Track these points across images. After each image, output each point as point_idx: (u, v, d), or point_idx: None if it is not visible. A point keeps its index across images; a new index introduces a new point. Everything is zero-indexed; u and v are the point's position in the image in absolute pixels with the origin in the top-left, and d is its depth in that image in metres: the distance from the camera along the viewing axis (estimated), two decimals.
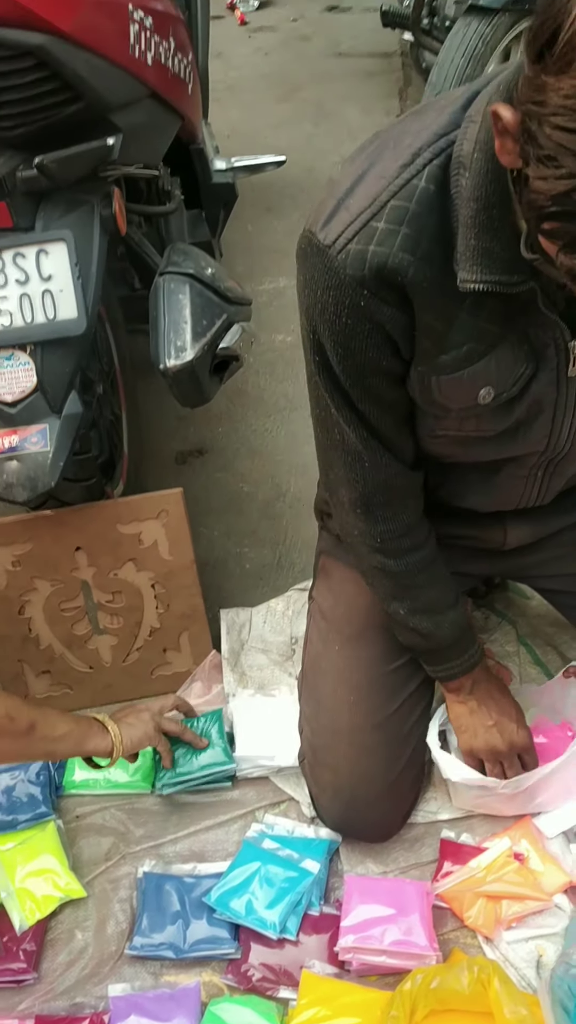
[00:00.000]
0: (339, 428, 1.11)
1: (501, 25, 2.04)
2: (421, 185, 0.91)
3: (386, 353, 1.03)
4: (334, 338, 1.01)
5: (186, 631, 1.67)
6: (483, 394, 1.05)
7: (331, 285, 0.96)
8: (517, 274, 0.93)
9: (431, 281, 0.95)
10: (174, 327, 1.46)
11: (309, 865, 1.38)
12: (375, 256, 0.93)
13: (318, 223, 0.96)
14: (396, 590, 1.27)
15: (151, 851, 1.46)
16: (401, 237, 0.93)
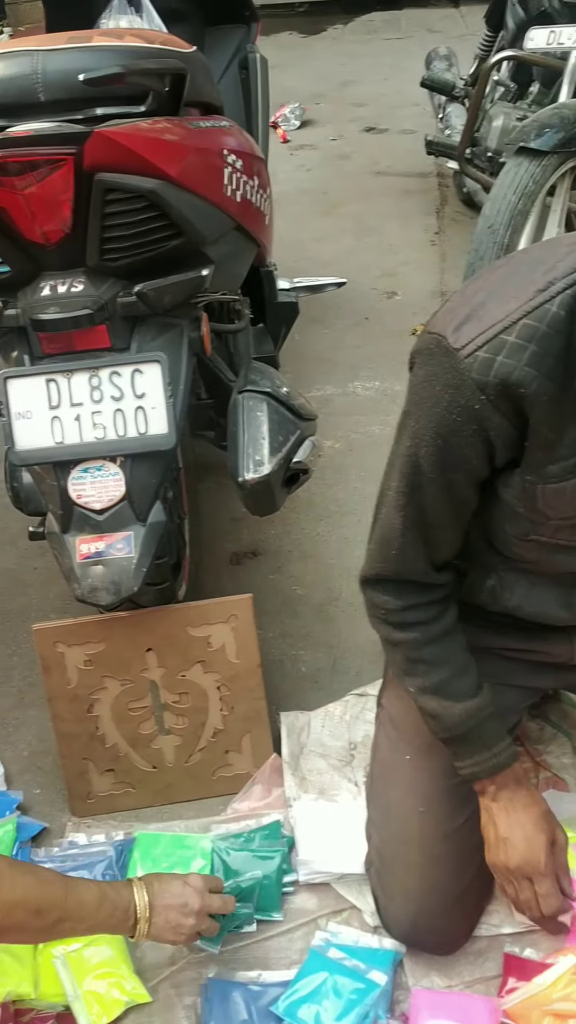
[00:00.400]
0: (388, 511, 1.19)
1: (550, 166, 2.19)
2: (553, 310, 1.01)
3: (480, 455, 1.11)
4: (437, 430, 1.09)
5: (248, 733, 1.71)
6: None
7: (452, 384, 1.05)
8: None
9: (551, 396, 1.04)
10: (253, 443, 1.55)
11: (376, 976, 1.39)
12: (502, 367, 1.02)
13: (449, 327, 1.05)
14: (405, 664, 1.30)
15: (215, 958, 1.47)
16: (529, 353, 1.01)
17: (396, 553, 1.21)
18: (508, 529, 1.22)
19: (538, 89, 2.93)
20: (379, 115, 4.96)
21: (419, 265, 3.48)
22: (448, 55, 3.84)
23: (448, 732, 1.30)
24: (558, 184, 2.35)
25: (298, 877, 1.55)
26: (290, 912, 1.53)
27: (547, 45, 2.44)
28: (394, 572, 1.24)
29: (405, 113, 4.87)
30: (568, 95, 2.43)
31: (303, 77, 5.60)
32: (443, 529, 1.20)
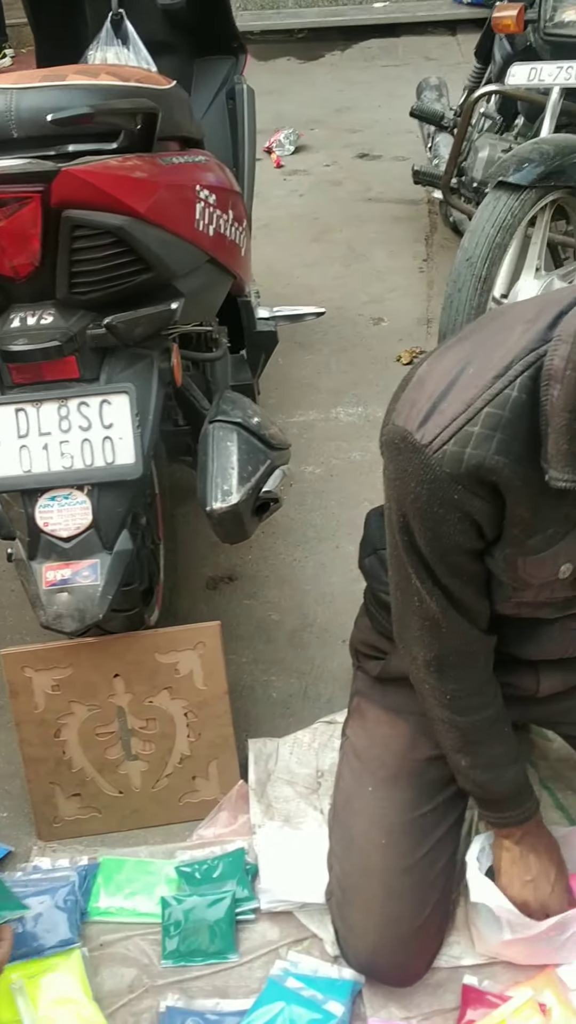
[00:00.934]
0: (419, 596, 1.20)
1: (528, 200, 2.22)
2: (513, 395, 1.03)
3: (472, 536, 1.13)
4: (424, 523, 1.11)
5: (215, 760, 1.71)
6: (564, 569, 1.17)
7: (426, 479, 1.07)
8: None
9: (522, 478, 1.06)
10: (221, 472, 1.56)
11: (333, 1007, 1.39)
12: (472, 458, 1.04)
13: (414, 423, 1.06)
14: (461, 744, 1.33)
15: (174, 985, 1.47)
16: (496, 441, 1.03)
17: (446, 630, 1.23)
18: (493, 595, 1.25)
19: (523, 123, 2.97)
20: (373, 142, 5.01)
21: (406, 292, 3.51)
22: (439, 85, 3.88)
23: (491, 796, 1.36)
24: (538, 217, 2.38)
25: (260, 905, 1.55)
26: (251, 940, 1.53)
27: (528, 81, 2.48)
28: (449, 648, 1.26)
29: (399, 140, 4.91)
30: (549, 130, 2.46)
31: (299, 103, 5.66)
32: (474, 602, 1.23)
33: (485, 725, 1.32)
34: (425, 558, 1.15)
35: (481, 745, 1.33)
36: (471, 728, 1.31)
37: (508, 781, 1.35)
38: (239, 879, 1.57)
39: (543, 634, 1.32)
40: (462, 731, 1.32)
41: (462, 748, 1.34)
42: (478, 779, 1.35)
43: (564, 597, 1.21)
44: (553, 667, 1.40)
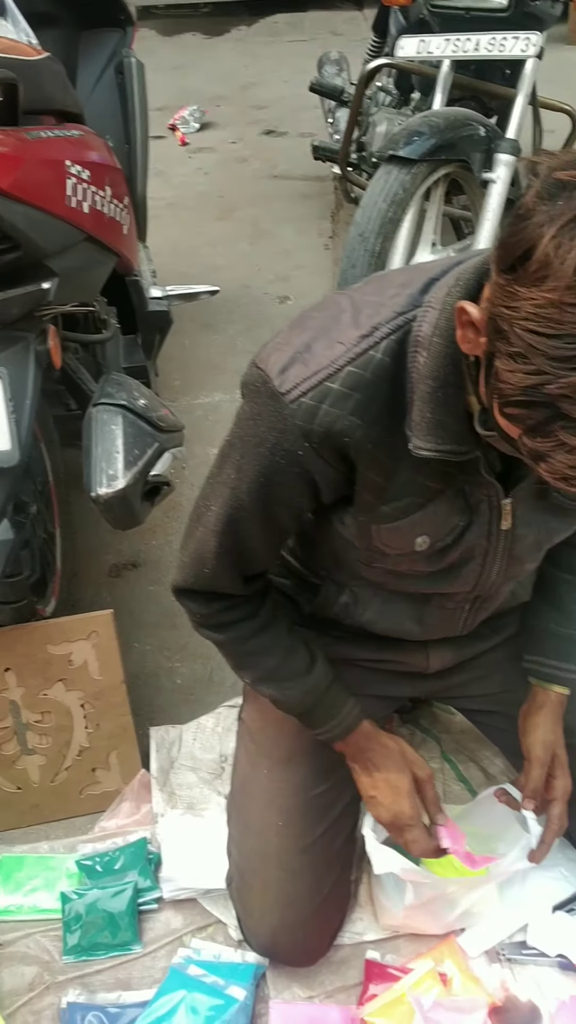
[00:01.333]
0: (206, 529, 1.17)
1: (419, 173, 2.21)
2: (378, 357, 1.01)
3: (304, 493, 1.10)
4: (260, 468, 1.08)
5: (115, 750, 1.68)
6: (419, 542, 1.14)
7: (276, 427, 1.04)
8: (465, 444, 1.03)
9: (376, 443, 1.04)
10: (106, 456, 1.52)
11: (235, 992, 1.38)
12: (326, 415, 1.01)
13: (274, 369, 1.03)
14: (235, 660, 1.31)
15: (76, 980, 1.45)
16: (353, 401, 1.01)
17: (209, 572, 1.20)
18: (352, 555, 1.23)
19: (419, 97, 2.96)
20: (279, 118, 4.96)
21: (312, 269, 3.49)
22: (339, 60, 3.85)
23: (293, 711, 1.31)
24: (432, 190, 2.38)
25: (163, 894, 1.53)
26: (154, 930, 1.51)
27: (417, 53, 2.46)
28: (204, 587, 1.23)
29: (305, 116, 4.87)
30: (441, 103, 2.46)
31: (204, 79, 5.58)
32: (258, 554, 1.20)
33: (245, 637, 1.26)
34: (242, 501, 1.11)
35: (250, 656, 1.28)
36: (230, 640, 1.27)
37: (299, 692, 1.28)
38: (141, 869, 1.55)
39: (422, 615, 1.31)
40: (223, 645, 1.29)
41: (237, 664, 1.31)
42: (269, 695, 1.30)
43: (428, 572, 1.20)
44: (442, 644, 1.40)
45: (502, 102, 2.58)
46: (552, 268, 0.77)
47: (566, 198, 0.78)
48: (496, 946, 1.45)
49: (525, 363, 0.80)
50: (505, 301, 0.81)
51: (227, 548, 1.17)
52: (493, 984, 1.40)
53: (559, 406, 0.80)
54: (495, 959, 1.44)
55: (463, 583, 1.22)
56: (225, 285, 3.00)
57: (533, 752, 1.37)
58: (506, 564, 1.21)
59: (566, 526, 1.21)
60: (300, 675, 1.28)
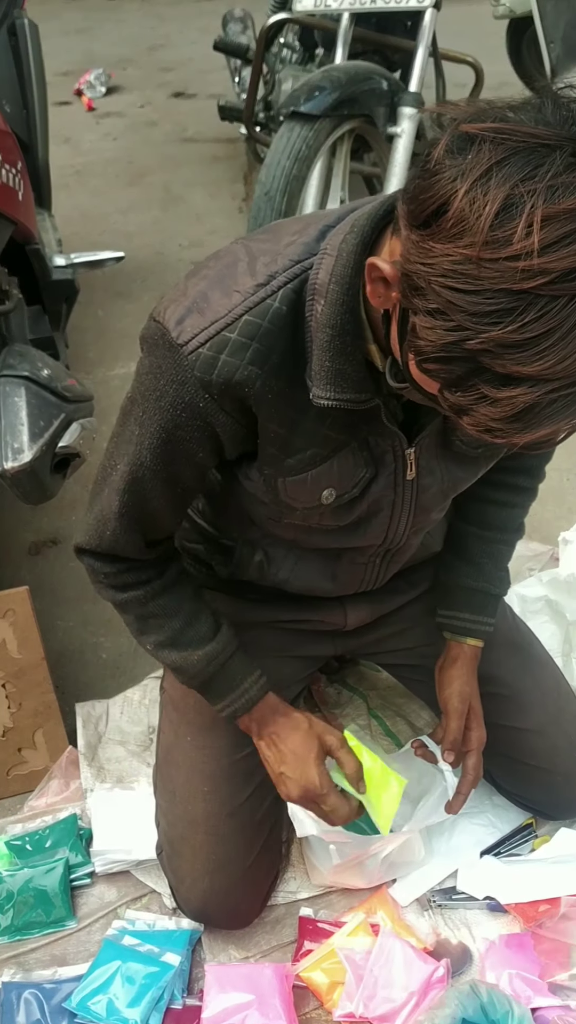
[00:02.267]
0: (109, 492, 1.15)
1: (323, 129, 2.18)
2: (275, 306, 0.99)
3: (206, 449, 1.09)
4: (161, 423, 1.05)
5: (40, 728, 1.66)
6: (326, 495, 1.13)
7: (175, 380, 1.01)
8: (365, 392, 1.02)
9: (277, 393, 1.02)
10: (10, 429, 1.48)
11: (170, 958, 1.38)
12: (225, 365, 0.99)
13: (171, 320, 1.01)
14: (137, 623, 1.26)
15: (11, 960, 1.43)
16: (252, 351, 0.99)
17: (110, 534, 1.18)
18: (260, 511, 1.21)
19: (322, 52, 2.93)
20: (188, 80, 4.88)
21: (227, 233, 3.44)
22: (244, 17, 3.78)
23: (194, 680, 1.27)
24: (338, 146, 2.35)
25: (95, 868, 1.52)
26: (88, 905, 1.50)
27: (315, 7, 2.42)
28: (108, 549, 1.21)
29: (215, 78, 4.80)
30: (342, 58, 2.43)
31: (110, 41, 5.46)
32: (161, 516, 1.18)
33: (151, 596, 1.23)
34: (144, 458, 1.09)
35: (153, 619, 1.25)
36: (136, 601, 1.23)
37: (201, 659, 1.24)
38: (72, 845, 1.54)
39: (335, 571, 1.31)
40: (127, 607, 1.25)
41: (140, 628, 1.26)
42: (171, 662, 1.26)
43: (337, 526, 1.20)
44: (358, 600, 1.40)
45: (405, 55, 2.56)
46: (468, 224, 0.76)
47: (475, 151, 0.77)
48: (426, 893, 1.48)
49: (444, 319, 0.80)
50: (420, 258, 0.80)
51: (129, 508, 1.14)
52: (424, 930, 1.43)
53: (480, 360, 0.79)
54: (426, 906, 1.47)
55: (373, 536, 1.22)
56: (138, 252, 2.96)
57: (450, 704, 1.39)
58: (413, 515, 1.21)
59: (470, 474, 1.22)
60: (203, 641, 1.25)
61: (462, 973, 1.39)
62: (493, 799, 1.58)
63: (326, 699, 1.77)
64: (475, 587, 1.41)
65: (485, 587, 1.41)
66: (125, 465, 1.11)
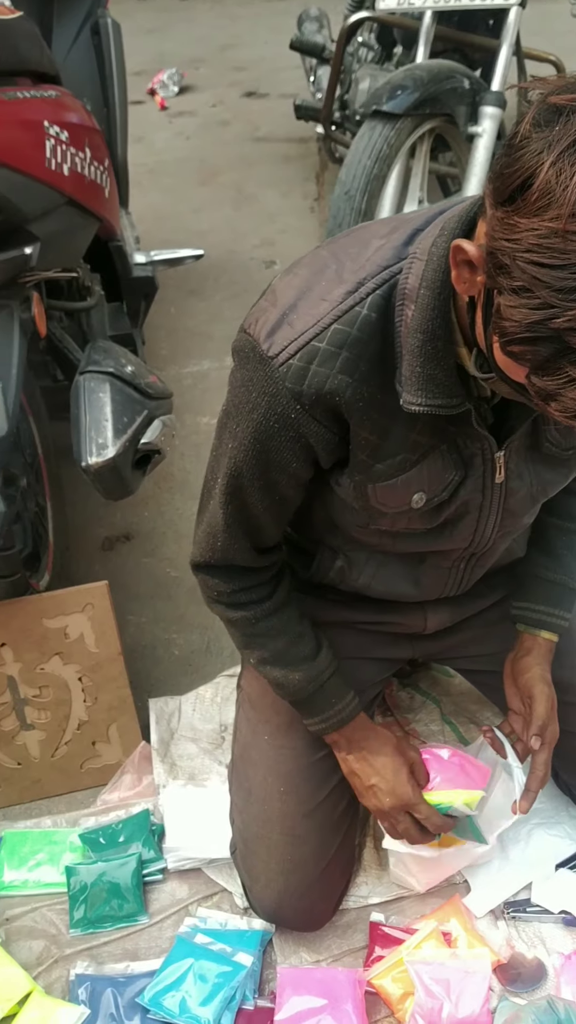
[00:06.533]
0: (214, 505, 1.17)
1: (404, 128, 2.16)
2: (364, 313, 0.98)
3: (300, 459, 1.09)
4: (255, 434, 1.06)
5: (115, 723, 1.67)
6: (416, 499, 1.13)
7: (267, 392, 1.02)
8: (456, 397, 1.01)
9: (367, 400, 1.02)
10: (95, 425, 1.50)
11: (242, 958, 1.38)
12: (315, 375, 0.99)
13: (262, 333, 1.02)
14: (243, 639, 1.29)
15: (84, 953, 1.44)
16: (341, 360, 0.99)
17: (221, 544, 1.20)
18: (349, 519, 1.21)
19: (401, 51, 2.90)
20: (259, 79, 4.88)
21: (298, 232, 3.44)
22: (319, 16, 3.77)
23: (293, 696, 1.30)
24: (417, 146, 2.33)
25: (167, 865, 1.53)
26: (160, 901, 1.51)
27: (398, 5, 2.40)
28: (221, 560, 1.23)
29: (286, 77, 4.80)
30: (423, 56, 2.40)
31: (182, 41, 5.48)
32: (266, 525, 1.19)
33: (258, 618, 1.25)
34: (241, 468, 1.11)
35: (261, 638, 1.27)
36: (244, 620, 1.26)
37: (302, 678, 1.26)
38: (145, 840, 1.55)
39: (418, 576, 1.30)
40: (236, 624, 1.27)
41: (246, 643, 1.29)
42: (270, 676, 1.28)
43: (424, 529, 1.18)
44: (439, 604, 1.39)
45: (486, 54, 2.53)
46: (554, 196, 0.75)
47: (563, 123, 0.76)
48: (500, 905, 1.45)
49: (529, 297, 0.78)
50: (505, 234, 0.79)
51: (234, 519, 1.16)
52: (498, 942, 1.41)
53: (567, 340, 0.77)
54: (500, 917, 1.44)
55: (459, 540, 1.21)
56: (210, 251, 2.96)
57: (536, 689, 1.34)
58: (501, 518, 1.20)
59: (560, 478, 1.20)
60: (305, 660, 1.27)
61: (536, 988, 1.36)
62: (570, 810, 1.55)
63: (398, 703, 1.76)
64: (553, 579, 1.38)
65: (564, 580, 1.38)
66: (223, 477, 1.13)
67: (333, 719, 1.30)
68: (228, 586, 1.24)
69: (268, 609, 1.26)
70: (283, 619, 1.28)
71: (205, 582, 1.26)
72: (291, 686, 1.28)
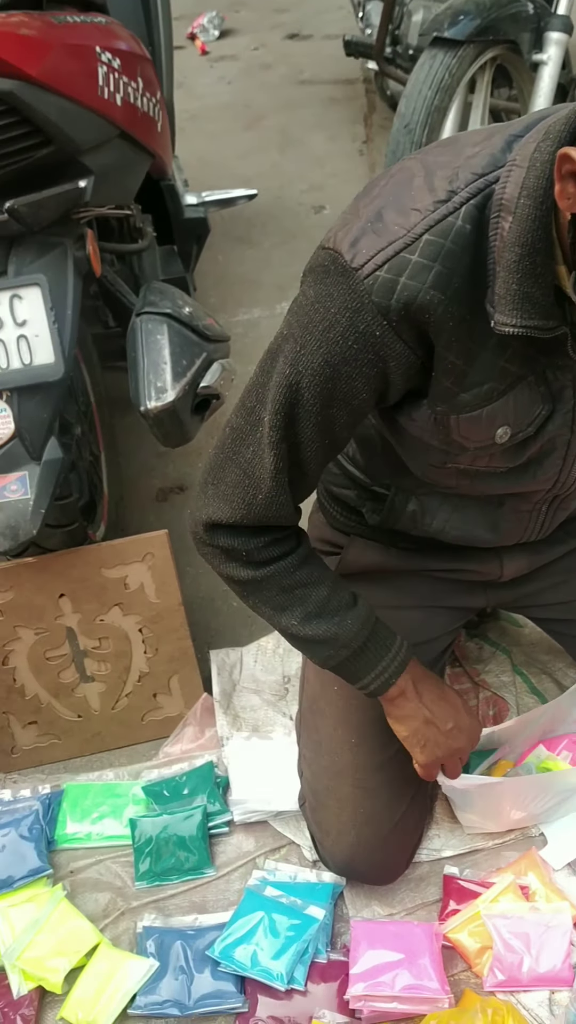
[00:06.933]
0: (257, 447, 1.04)
1: (466, 57, 2.05)
2: (458, 224, 0.91)
3: (370, 388, 1.00)
4: (327, 357, 0.97)
5: (176, 674, 1.64)
6: (500, 432, 1.05)
7: (350, 307, 0.94)
8: (553, 319, 0.93)
9: (458, 320, 0.94)
10: (154, 368, 1.44)
11: (314, 911, 1.35)
12: (405, 289, 0.92)
13: (344, 243, 0.94)
14: (280, 598, 1.14)
15: (151, 905, 1.43)
16: (434, 274, 0.91)
17: (263, 498, 1.07)
18: (423, 459, 1.14)
19: None
20: (302, 21, 4.72)
21: (347, 176, 3.33)
22: None
23: (347, 649, 1.16)
24: (478, 78, 2.22)
25: (233, 817, 1.50)
26: (226, 853, 1.48)
27: None
28: (257, 519, 1.09)
29: (329, 18, 4.63)
30: None
31: None
32: (310, 473, 1.08)
33: (292, 568, 1.13)
34: (298, 398, 0.98)
35: (299, 588, 1.13)
36: (280, 571, 1.12)
37: (353, 620, 1.14)
38: (209, 793, 1.52)
39: (496, 520, 1.23)
40: (271, 579, 1.12)
41: (283, 603, 1.14)
42: (319, 634, 1.13)
43: (506, 468, 1.11)
44: (516, 550, 1.32)
45: None
46: None
47: None
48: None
49: None
50: None
51: (285, 462, 1.04)
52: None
53: None
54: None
55: (543, 480, 1.14)
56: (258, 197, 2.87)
57: None
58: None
59: None
60: (349, 607, 1.16)
61: None
62: None
63: (467, 654, 1.70)
64: None
65: None
66: (274, 413, 1.01)
67: (395, 662, 1.18)
68: (256, 541, 1.11)
69: (302, 555, 1.15)
70: (318, 565, 1.17)
71: (228, 545, 1.11)
72: (344, 636, 1.15)
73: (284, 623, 1.16)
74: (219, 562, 1.15)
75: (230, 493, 1.09)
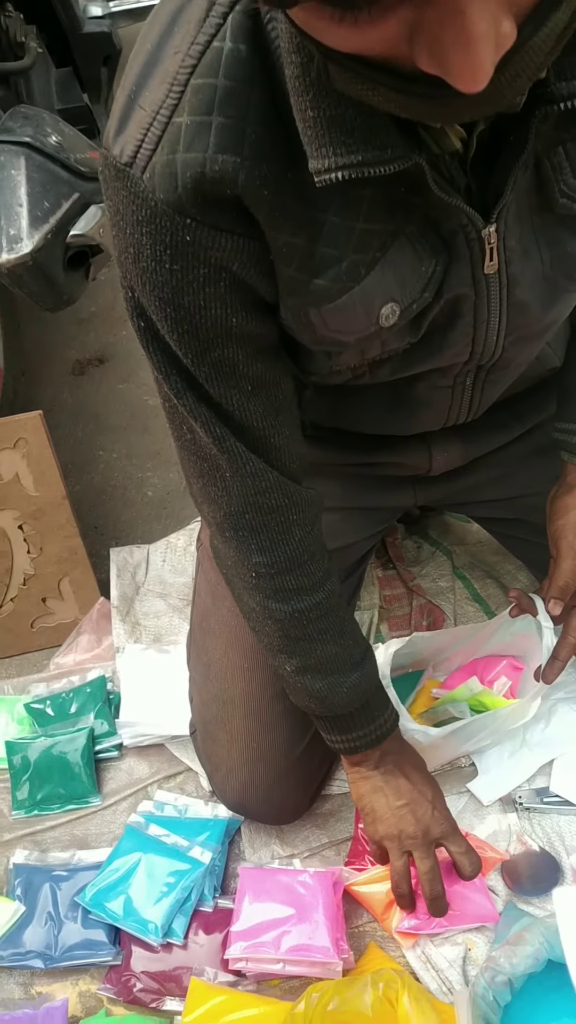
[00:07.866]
0: (187, 424, 0.83)
1: None
2: (228, 46, 0.62)
3: (235, 306, 0.74)
4: (158, 294, 0.72)
5: (66, 576, 1.43)
6: (386, 314, 0.77)
7: (142, 219, 0.67)
8: (389, 147, 0.64)
9: (273, 185, 0.66)
10: (6, 212, 1.17)
11: (199, 853, 1.18)
12: (187, 166, 0.64)
13: (110, 134, 0.67)
14: (283, 642, 0.97)
15: (27, 838, 1.26)
16: (216, 129, 0.64)
17: (230, 475, 0.85)
18: (308, 367, 0.87)
19: None
20: None
21: None
22: None
23: (331, 712, 1.00)
24: None
25: (123, 740, 1.32)
26: (116, 780, 1.31)
27: None
28: (247, 504, 0.87)
29: None
30: None
31: None
32: (266, 420, 0.83)
33: (312, 617, 0.94)
34: (178, 358, 0.77)
35: (308, 642, 0.96)
36: (291, 618, 0.94)
37: (349, 689, 0.98)
38: (99, 712, 1.34)
39: (411, 403, 0.97)
40: (281, 622, 0.95)
41: (285, 647, 0.96)
42: (309, 687, 0.98)
43: (403, 347, 0.84)
44: (447, 438, 1.08)
45: None
46: None
47: None
48: (512, 792, 1.22)
49: None
50: None
51: (218, 427, 0.81)
52: (507, 836, 1.18)
53: None
54: (510, 808, 1.21)
55: (454, 353, 0.87)
56: None
57: (563, 541, 1.05)
58: (507, 317, 0.84)
59: None
60: (356, 667, 0.98)
61: (549, 892, 1.14)
62: None
63: (402, 554, 1.48)
64: None
65: None
66: (165, 380, 0.79)
67: (376, 732, 1.02)
68: (270, 560, 0.91)
69: (325, 603, 0.94)
70: (338, 617, 0.96)
71: (240, 562, 0.93)
72: (333, 701, 0.98)
73: (278, 663, 1.00)
74: (231, 578, 0.99)
75: (204, 486, 0.88)
